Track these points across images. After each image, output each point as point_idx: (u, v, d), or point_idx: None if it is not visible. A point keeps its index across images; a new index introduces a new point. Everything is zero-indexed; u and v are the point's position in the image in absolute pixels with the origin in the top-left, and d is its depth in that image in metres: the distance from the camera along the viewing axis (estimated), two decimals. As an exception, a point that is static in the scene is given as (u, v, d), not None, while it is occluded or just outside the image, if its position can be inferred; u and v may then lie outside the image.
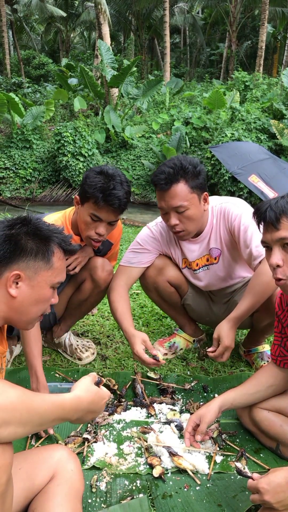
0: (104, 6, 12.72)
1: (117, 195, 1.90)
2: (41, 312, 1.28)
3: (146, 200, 10.96)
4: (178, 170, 1.89)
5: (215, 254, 2.15)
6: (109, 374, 2.21)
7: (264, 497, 1.17)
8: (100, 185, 1.89)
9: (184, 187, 1.90)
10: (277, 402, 1.66)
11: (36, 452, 1.27)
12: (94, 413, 1.17)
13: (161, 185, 1.90)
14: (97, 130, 11.74)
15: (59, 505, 1.14)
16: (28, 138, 11.09)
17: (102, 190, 1.89)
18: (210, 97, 11.92)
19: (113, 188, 1.89)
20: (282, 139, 10.07)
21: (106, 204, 1.91)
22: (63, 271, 1.31)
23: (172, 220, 1.95)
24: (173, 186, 1.89)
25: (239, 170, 6.04)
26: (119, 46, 28.80)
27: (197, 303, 2.37)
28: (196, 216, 1.97)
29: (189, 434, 1.66)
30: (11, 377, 2.07)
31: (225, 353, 1.89)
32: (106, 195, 1.89)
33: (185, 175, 1.90)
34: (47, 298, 1.26)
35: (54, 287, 1.27)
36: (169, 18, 18.03)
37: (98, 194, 1.89)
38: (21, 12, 23.41)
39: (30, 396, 1.00)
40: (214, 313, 2.37)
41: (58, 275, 1.27)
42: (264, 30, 15.71)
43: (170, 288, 2.30)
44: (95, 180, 1.91)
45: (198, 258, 2.19)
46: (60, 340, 2.40)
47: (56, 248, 1.26)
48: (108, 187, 1.89)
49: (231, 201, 2.11)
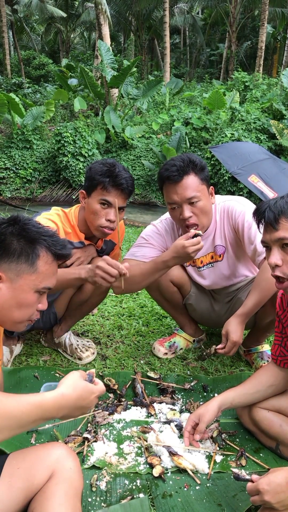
0: (104, 7, 12.73)
1: (123, 176, 2.03)
2: (26, 317, 1.23)
3: (146, 200, 10.96)
4: (188, 163, 1.95)
5: (220, 251, 2.17)
6: (109, 374, 2.21)
7: (265, 498, 1.16)
8: (106, 170, 2.02)
9: (195, 179, 1.96)
10: (277, 402, 1.66)
11: (35, 451, 1.26)
12: (83, 409, 1.13)
13: (174, 177, 1.94)
14: (97, 130, 11.74)
15: (59, 504, 1.14)
16: (29, 138, 11.10)
17: (109, 175, 2.01)
18: (210, 98, 11.92)
19: (118, 171, 2.02)
20: (281, 139, 10.07)
21: (114, 186, 2.01)
22: (51, 276, 1.24)
23: (186, 213, 1.96)
24: (185, 178, 1.95)
25: (239, 170, 6.03)
26: (119, 46, 28.82)
27: (199, 302, 2.37)
28: (208, 208, 2.02)
29: (188, 433, 1.66)
30: (11, 377, 2.07)
31: (233, 348, 1.93)
32: (113, 177, 2.01)
33: (194, 168, 1.97)
34: (31, 303, 1.21)
35: (40, 292, 1.22)
36: (169, 19, 18.04)
37: (105, 178, 2.01)
38: (21, 13, 23.43)
39: (2, 400, 0.97)
40: (216, 312, 2.37)
41: (44, 280, 1.21)
42: (264, 31, 15.72)
43: (173, 287, 2.30)
44: (100, 168, 2.03)
45: (203, 255, 2.20)
46: (60, 340, 2.40)
47: (43, 252, 1.21)
48: (114, 171, 2.02)
49: (234, 199, 2.15)
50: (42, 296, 1.25)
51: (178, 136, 10.64)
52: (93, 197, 2.05)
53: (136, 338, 2.70)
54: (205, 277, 2.26)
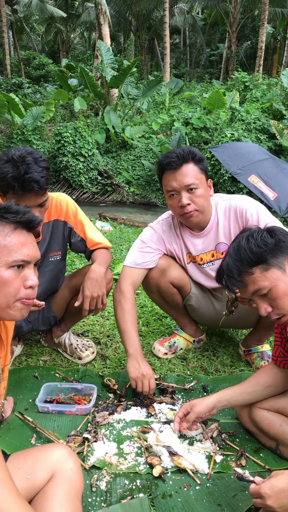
0: (104, 7, 12.73)
1: (32, 178, 1.73)
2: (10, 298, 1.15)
3: (146, 200, 10.96)
4: (187, 152, 1.99)
5: (222, 249, 2.15)
6: (109, 374, 2.21)
7: (267, 502, 1.17)
8: (11, 175, 1.72)
9: (194, 167, 1.99)
10: (277, 402, 1.66)
11: (35, 451, 1.26)
12: None
13: (174, 163, 1.96)
14: (97, 130, 11.74)
15: (59, 504, 1.14)
16: (28, 138, 11.10)
17: (15, 179, 1.72)
18: (210, 98, 11.92)
19: (25, 173, 1.72)
20: (281, 139, 10.07)
21: (25, 192, 1.75)
22: (21, 247, 1.14)
23: (184, 200, 1.98)
24: (184, 165, 1.98)
25: (238, 170, 6.04)
26: (119, 46, 28.83)
27: (199, 303, 2.36)
28: (206, 197, 2.03)
29: (178, 418, 1.68)
30: (11, 377, 2.07)
31: None
32: (21, 182, 1.73)
33: (194, 157, 2.00)
34: (8, 280, 1.12)
35: (16, 267, 1.13)
36: (169, 19, 18.04)
37: (13, 183, 1.73)
38: (21, 13, 23.44)
39: None
40: (217, 311, 2.36)
41: (11, 253, 1.12)
42: (263, 31, 15.73)
43: (173, 289, 2.29)
44: (4, 171, 1.74)
45: (202, 252, 2.19)
46: (60, 340, 2.40)
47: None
48: (20, 173, 1.72)
49: (241, 197, 2.14)
50: (23, 271, 1.15)
51: (178, 136, 10.65)
52: (8, 199, 1.79)
53: (136, 338, 2.69)
54: (207, 274, 2.24)
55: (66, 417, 1.86)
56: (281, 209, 5.76)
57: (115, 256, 4.44)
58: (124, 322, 2.02)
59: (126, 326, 2.01)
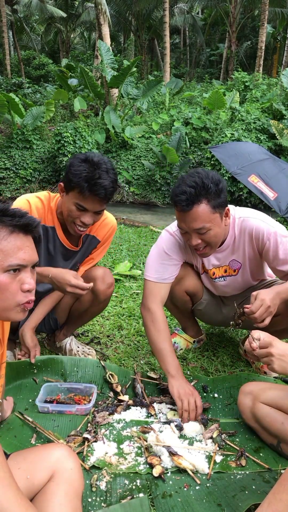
0: (104, 7, 12.72)
1: (103, 184, 1.80)
2: (10, 302, 1.13)
3: (146, 200, 10.94)
4: (200, 190, 1.76)
5: (235, 266, 2.11)
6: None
7: (271, 350, 1.32)
8: (85, 174, 1.79)
9: (206, 208, 1.78)
10: (281, 399, 1.66)
11: (35, 451, 1.26)
12: None
13: (182, 207, 1.78)
14: (97, 130, 11.73)
15: (59, 504, 1.14)
16: (28, 138, 11.09)
17: (87, 180, 1.79)
18: (210, 98, 11.92)
19: (99, 177, 1.80)
20: (281, 139, 10.06)
21: (91, 194, 1.82)
22: (16, 251, 1.12)
23: (193, 241, 1.86)
24: (194, 207, 1.77)
25: (238, 170, 6.03)
26: (119, 46, 28.81)
27: (208, 308, 2.37)
28: (218, 236, 1.88)
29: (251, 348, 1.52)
30: (10, 377, 2.07)
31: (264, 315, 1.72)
32: (92, 185, 1.80)
33: (207, 195, 1.78)
34: (3, 284, 1.11)
35: (10, 271, 1.12)
36: (169, 19, 18.02)
37: (83, 183, 1.79)
38: (21, 13, 23.42)
39: None
40: (223, 315, 2.37)
41: (7, 257, 1.10)
42: (263, 31, 15.71)
43: (186, 296, 2.29)
44: (79, 169, 1.81)
45: (215, 267, 2.15)
46: (62, 344, 2.41)
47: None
48: (94, 176, 1.79)
49: (258, 217, 1.97)
50: (19, 275, 1.14)
51: (178, 136, 10.64)
52: (70, 197, 1.88)
53: (136, 338, 2.70)
54: (218, 288, 2.24)
55: (66, 417, 1.86)
56: (281, 209, 5.75)
57: (115, 256, 4.44)
58: (160, 343, 1.99)
59: (164, 346, 1.99)
